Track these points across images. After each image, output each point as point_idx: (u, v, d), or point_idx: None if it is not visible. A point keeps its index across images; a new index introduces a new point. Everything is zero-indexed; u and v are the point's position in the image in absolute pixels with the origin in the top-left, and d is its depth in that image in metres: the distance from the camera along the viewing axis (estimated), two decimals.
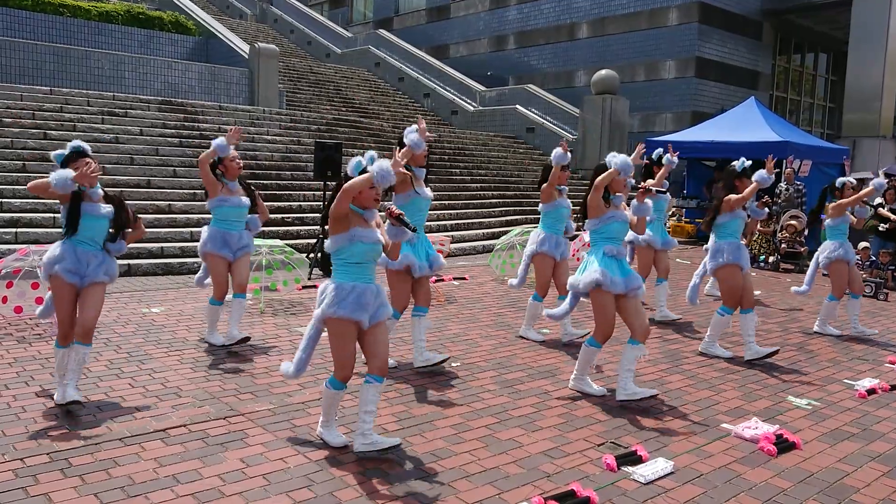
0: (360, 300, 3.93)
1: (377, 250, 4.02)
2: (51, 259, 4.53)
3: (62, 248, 4.54)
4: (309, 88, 21.95)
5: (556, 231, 6.75)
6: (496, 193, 16.56)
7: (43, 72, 15.25)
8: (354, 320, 3.92)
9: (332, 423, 4.17)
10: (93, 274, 4.54)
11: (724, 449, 4.33)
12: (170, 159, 12.31)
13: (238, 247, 6.09)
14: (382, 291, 4.10)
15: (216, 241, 6.00)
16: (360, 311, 3.93)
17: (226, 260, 6.05)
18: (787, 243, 12.76)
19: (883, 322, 8.47)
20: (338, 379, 4.02)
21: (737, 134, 15.39)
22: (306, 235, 11.29)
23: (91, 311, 4.54)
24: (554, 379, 5.57)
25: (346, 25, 33.50)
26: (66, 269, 4.48)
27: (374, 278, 4.09)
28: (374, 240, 3.97)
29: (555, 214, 6.73)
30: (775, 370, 6.11)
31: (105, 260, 4.63)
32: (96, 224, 4.56)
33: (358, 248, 3.93)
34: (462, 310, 7.98)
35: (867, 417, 5.03)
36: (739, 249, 6.36)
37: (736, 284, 6.35)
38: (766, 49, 24.36)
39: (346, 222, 3.93)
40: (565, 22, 24.96)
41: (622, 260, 5.18)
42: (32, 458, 3.76)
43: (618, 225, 5.17)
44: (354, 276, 3.98)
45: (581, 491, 3.57)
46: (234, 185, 6.09)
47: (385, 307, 4.09)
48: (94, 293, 4.56)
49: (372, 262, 4.05)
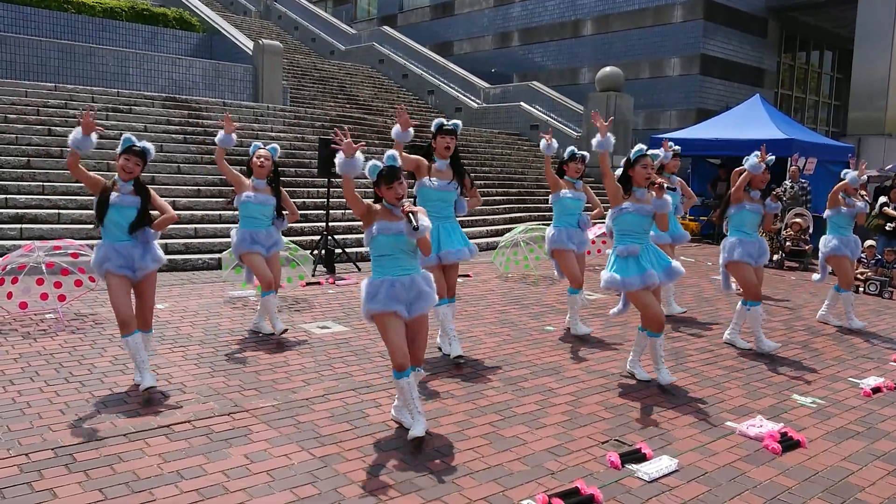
0: (390, 292, 4.07)
1: (403, 241, 4.09)
2: (98, 260, 4.78)
3: (104, 250, 4.76)
4: (313, 85, 21.95)
5: (565, 224, 6.76)
6: (500, 191, 16.54)
7: (47, 68, 15.27)
8: (391, 312, 4.06)
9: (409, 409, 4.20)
10: (143, 265, 4.80)
11: (729, 447, 4.32)
12: (174, 156, 12.31)
13: (269, 244, 6.27)
14: (420, 282, 4.18)
15: (245, 242, 6.19)
16: (393, 303, 4.06)
17: (261, 255, 6.20)
18: (792, 241, 12.73)
19: (888, 320, 8.45)
20: (394, 368, 4.12)
21: (741, 131, 15.33)
22: (310, 232, 11.28)
23: (149, 301, 4.95)
24: (558, 376, 5.56)
25: (350, 22, 33.47)
26: (117, 266, 4.71)
27: (412, 269, 4.19)
28: (396, 231, 4.05)
29: (559, 206, 6.76)
30: (780, 368, 6.10)
31: (147, 248, 4.85)
32: (124, 215, 4.74)
33: (382, 241, 4.09)
34: (466, 307, 7.97)
35: (872, 416, 5.02)
36: (744, 244, 6.39)
37: (748, 276, 6.42)
38: (771, 46, 24.27)
39: (369, 217, 4.12)
40: (570, 18, 24.89)
41: (638, 256, 5.18)
42: (37, 454, 3.77)
43: (630, 217, 5.18)
44: (384, 269, 4.13)
45: (585, 488, 3.57)
46: (260, 184, 6.23)
47: (425, 299, 4.18)
48: (148, 283, 4.90)
49: (402, 252, 4.14)
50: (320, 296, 8.25)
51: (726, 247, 6.54)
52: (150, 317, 5.02)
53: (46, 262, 6.71)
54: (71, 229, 9.44)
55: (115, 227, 4.74)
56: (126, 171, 4.77)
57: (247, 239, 6.17)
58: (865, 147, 22.13)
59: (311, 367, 5.51)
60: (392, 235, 4.07)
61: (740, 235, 6.50)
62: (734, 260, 6.44)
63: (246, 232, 6.19)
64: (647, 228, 5.29)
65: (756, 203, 6.52)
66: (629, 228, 5.20)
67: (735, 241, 6.48)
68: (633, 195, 5.23)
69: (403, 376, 4.10)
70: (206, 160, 12.45)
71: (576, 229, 6.80)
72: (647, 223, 5.25)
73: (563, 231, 6.75)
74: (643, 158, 5.22)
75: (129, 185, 4.79)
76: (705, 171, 17.28)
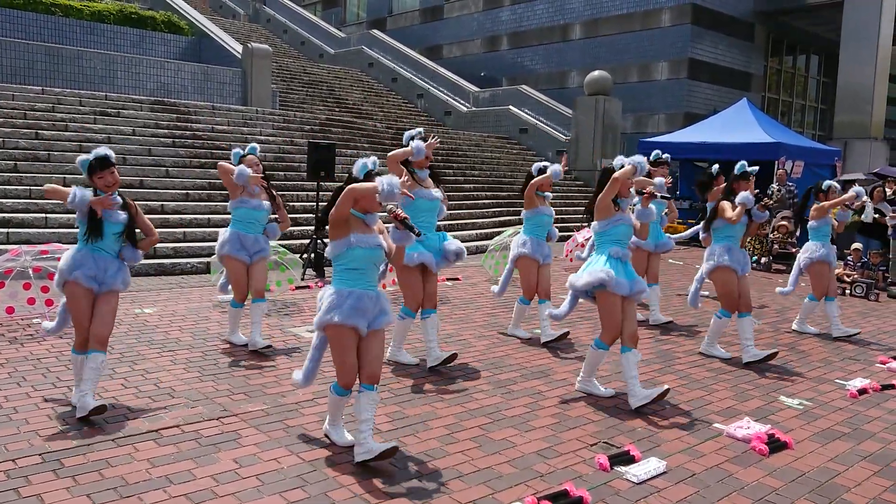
0: (357, 305, 3.86)
1: (377, 256, 3.94)
2: (69, 264, 4.47)
3: (81, 254, 4.50)
4: (302, 89, 21.93)
5: (538, 235, 6.79)
6: (489, 194, 16.58)
7: (35, 71, 15.19)
8: (351, 326, 3.84)
9: (339, 423, 4.16)
10: (111, 281, 4.53)
11: (717, 448, 4.34)
12: (162, 159, 12.27)
13: (254, 250, 6.15)
14: (383, 298, 4.02)
15: (233, 244, 6.09)
16: (358, 317, 3.85)
17: (243, 263, 6.12)
18: (779, 244, 12.83)
19: (874, 322, 8.52)
20: (340, 385, 3.95)
21: (729, 135, 15.46)
22: (300, 236, 11.27)
23: (108, 318, 4.53)
24: (547, 379, 5.58)
25: (340, 26, 33.49)
26: (87, 275, 4.44)
27: (376, 285, 4.03)
28: (374, 245, 3.90)
29: (536, 220, 6.76)
30: (767, 370, 6.14)
31: (122, 268, 4.62)
32: (113, 231, 4.55)
33: (357, 254, 3.86)
34: (455, 310, 7.98)
35: (858, 417, 5.06)
36: (733, 252, 6.35)
37: (731, 287, 6.34)
38: (758, 50, 24.47)
39: (347, 227, 3.87)
40: (558, 23, 25.01)
41: (627, 263, 5.19)
42: (24, 459, 3.75)
43: (624, 228, 5.18)
44: (353, 282, 3.91)
45: (574, 491, 3.58)
46: (255, 189, 6.17)
47: (385, 315, 3.99)
48: (109, 301, 4.54)
49: (372, 267, 3.97)
50: (309, 299, 8.24)
51: (714, 253, 6.39)
52: (107, 337, 4.54)
53: (33, 267, 6.67)
54: (58, 233, 9.39)
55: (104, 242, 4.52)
56: (110, 185, 4.47)
57: (235, 241, 6.08)
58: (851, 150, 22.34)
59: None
60: (369, 249, 3.88)
61: (728, 242, 6.39)
62: (723, 265, 6.30)
63: (235, 233, 6.12)
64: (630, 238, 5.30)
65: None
66: (620, 238, 5.19)
67: (723, 248, 6.36)
68: (619, 207, 5.23)
69: (346, 394, 3.97)
70: (195, 164, 12.42)
71: (542, 241, 6.78)
72: (632, 233, 5.27)
73: (534, 241, 6.73)
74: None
75: (116, 196, 4.52)
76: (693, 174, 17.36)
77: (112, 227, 4.55)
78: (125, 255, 4.64)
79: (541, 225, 6.79)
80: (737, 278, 6.34)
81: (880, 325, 8.42)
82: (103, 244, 4.54)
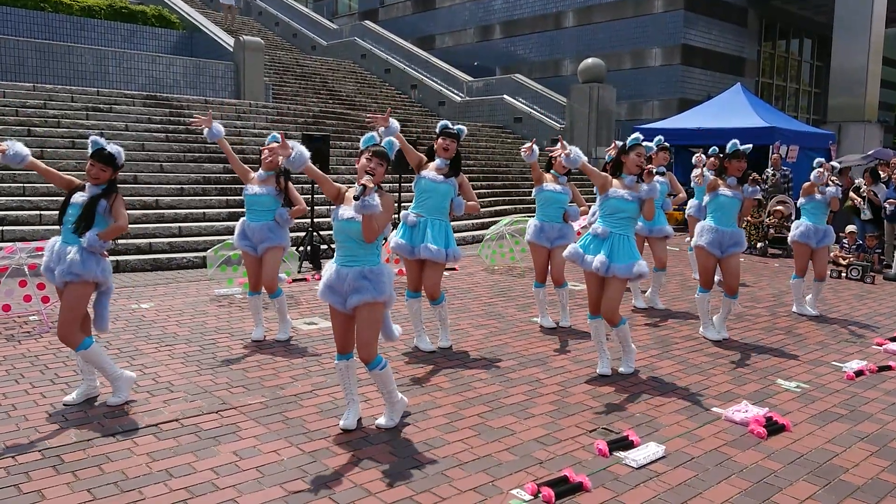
0: (328, 282, 4.08)
1: (347, 228, 3.97)
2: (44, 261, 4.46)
3: (50, 243, 4.49)
4: (295, 81, 21.84)
5: (544, 218, 6.70)
6: (485, 184, 16.55)
7: (25, 68, 15.11)
8: (327, 301, 4.10)
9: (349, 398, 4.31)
10: (60, 273, 4.30)
11: (715, 432, 4.36)
12: (156, 154, 12.22)
13: (259, 240, 6.05)
14: (361, 276, 3.99)
15: (239, 233, 6.16)
16: (330, 294, 4.08)
17: (249, 252, 6.13)
18: (775, 228, 12.85)
19: (870, 304, 8.55)
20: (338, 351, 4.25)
21: (723, 120, 15.45)
22: (296, 228, 11.23)
23: (61, 315, 4.31)
24: (545, 367, 5.59)
25: (332, 17, 33.30)
26: (46, 267, 4.43)
27: (361, 260, 4.02)
28: (343, 217, 3.98)
29: (540, 199, 6.72)
30: (764, 354, 6.16)
31: (86, 256, 4.29)
32: (72, 213, 4.38)
33: (335, 226, 4.07)
34: (453, 300, 7.98)
35: (855, 399, 5.09)
36: (715, 232, 6.41)
37: (706, 264, 6.54)
38: (751, 35, 24.42)
39: (338, 202, 4.08)
40: (551, 11, 24.91)
41: (613, 240, 5.18)
42: (24, 456, 3.75)
43: (615, 202, 5.19)
44: (336, 256, 4.14)
45: (574, 476, 3.59)
46: (261, 175, 6.11)
47: (356, 294, 3.97)
48: (65, 294, 4.33)
49: (350, 240, 4.00)
50: (307, 292, 8.24)
51: (698, 230, 6.59)
52: (65, 335, 4.31)
53: (29, 264, 6.66)
54: (53, 230, 9.29)
55: (65, 227, 4.39)
56: (92, 176, 4.36)
57: (241, 231, 6.13)
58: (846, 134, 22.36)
59: (298, 364, 5.50)
60: (343, 221, 3.97)
61: (714, 223, 6.45)
62: (699, 245, 6.49)
63: (243, 222, 6.15)
64: (633, 216, 5.25)
65: (733, 189, 6.42)
66: (612, 212, 5.20)
67: (706, 227, 6.47)
68: (622, 181, 5.24)
69: (341, 359, 4.22)
70: (189, 158, 12.37)
71: (553, 224, 6.67)
72: (633, 210, 5.22)
73: (539, 226, 6.71)
74: (637, 147, 5.25)
75: (98, 188, 4.40)
76: (688, 160, 17.36)
77: (73, 209, 4.37)
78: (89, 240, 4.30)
79: (545, 204, 6.68)
80: (714, 259, 6.49)
81: (876, 307, 8.45)
82: (66, 230, 4.40)
